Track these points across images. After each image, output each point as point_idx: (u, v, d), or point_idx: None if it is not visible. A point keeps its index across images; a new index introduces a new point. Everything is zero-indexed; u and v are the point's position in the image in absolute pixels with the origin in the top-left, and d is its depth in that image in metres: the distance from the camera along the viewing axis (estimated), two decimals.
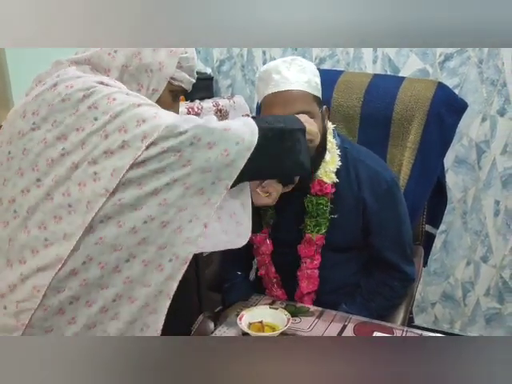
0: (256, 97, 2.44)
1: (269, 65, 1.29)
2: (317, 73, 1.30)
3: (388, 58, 2.20)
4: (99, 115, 0.89)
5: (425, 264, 1.72)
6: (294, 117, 1.09)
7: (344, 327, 1.24)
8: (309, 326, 1.25)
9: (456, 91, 1.94)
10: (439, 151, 1.59)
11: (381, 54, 2.21)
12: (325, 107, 1.33)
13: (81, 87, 0.92)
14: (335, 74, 1.72)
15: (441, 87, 1.58)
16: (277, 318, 1.20)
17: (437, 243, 2.24)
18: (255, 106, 2.27)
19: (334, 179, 1.32)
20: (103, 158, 0.87)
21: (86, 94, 0.91)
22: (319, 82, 1.30)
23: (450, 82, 2.01)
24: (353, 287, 1.41)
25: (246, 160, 0.93)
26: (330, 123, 1.40)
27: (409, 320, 1.51)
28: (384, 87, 1.62)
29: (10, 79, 1.82)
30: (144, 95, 0.99)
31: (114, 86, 0.95)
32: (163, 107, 0.96)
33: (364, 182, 1.34)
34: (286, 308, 1.28)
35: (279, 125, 1.01)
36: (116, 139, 0.87)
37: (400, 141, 1.60)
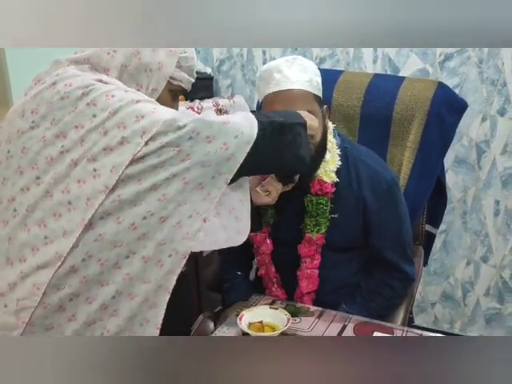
0: (256, 96, 2.44)
1: (270, 64, 1.29)
2: (318, 72, 1.30)
3: (388, 58, 2.19)
4: (98, 112, 0.89)
5: (425, 264, 1.72)
6: (295, 112, 1.08)
7: (344, 327, 1.24)
8: (309, 326, 1.24)
9: (456, 91, 1.93)
10: (439, 151, 1.59)
11: (381, 54, 2.21)
12: (325, 106, 1.33)
13: (79, 85, 0.91)
14: (335, 74, 1.71)
15: (441, 87, 1.58)
16: (277, 318, 1.20)
17: (437, 243, 2.24)
18: (255, 106, 2.27)
19: (334, 179, 1.32)
20: (102, 155, 0.87)
21: (85, 92, 0.91)
22: (320, 82, 1.30)
23: (450, 82, 2.01)
24: (353, 287, 1.41)
25: (246, 154, 0.92)
26: (331, 123, 1.40)
27: (409, 320, 1.51)
28: (384, 87, 1.62)
29: (10, 79, 1.82)
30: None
31: (113, 84, 0.95)
32: None
33: (364, 182, 1.34)
34: (286, 308, 1.28)
35: (279, 119, 1.01)
36: (115, 135, 0.87)
37: (400, 140, 1.59)
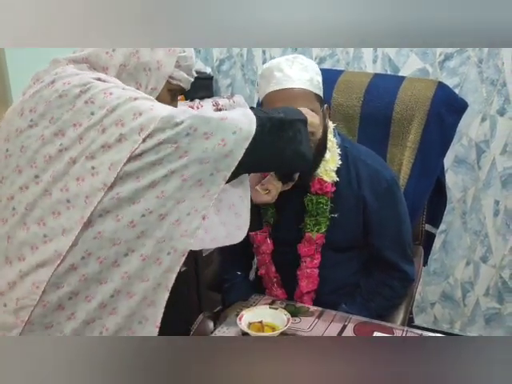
0: (256, 96, 2.44)
1: (271, 62, 1.29)
2: (319, 71, 1.30)
3: (388, 58, 2.20)
4: (96, 110, 0.89)
5: (425, 264, 1.72)
6: (295, 108, 1.08)
7: (344, 327, 1.24)
8: (309, 326, 1.24)
9: (456, 91, 1.93)
10: (439, 151, 1.59)
11: (381, 54, 2.21)
12: (326, 106, 1.33)
13: (77, 83, 0.91)
14: (335, 74, 1.72)
15: (441, 87, 1.58)
16: (277, 318, 1.20)
17: (436, 243, 2.24)
18: (255, 106, 2.27)
19: (335, 178, 1.32)
20: (101, 153, 0.87)
21: (83, 90, 0.90)
22: (321, 81, 1.30)
23: (450, 82, 2.01)
24: (353, 287, 1.41)
25: (244, 150, 0.91)
26: (331, 122, 1.40)
27: (409, 320, 1.51)
28: (384, 87, 1.62)
29: (10, 79, 1.82)
30: None
31: (111, 82, 0.94)
32: None
33: (364, 181, 1.34)
34: (286, 308, 1.28)
35: (279, 115, 1.00)
36: (113, 133, 0.87)
37: (400, 140, 1.60)
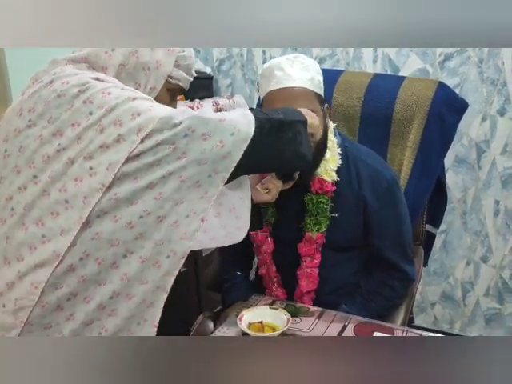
0: (256, 96, 2.44)
1: (272, 62, 1.29)
2: (319, 71, 1.30)
3: (388, 58, 2.20)
4: (94, 109, 0.88)
5: (425, 264, 1.72)
6: (295, 109, 1.07)
7: (344, 327, 1.23)
8: (309, 327, 1.24)
9: (456, 91, 1.93)
10: (440, 151, 1.59)
11: (381, 54, 2.21)
12: (326, 105, 1.32)
13: (76, 83, 0.91)
14: (335, 74, 1.71)
15: (441, 87, 1.58)
16: (277, 318, 1.20)
17: (436, 243, 2.24)
18: (255, 105, 2.27)
19: (335, 177, 1.32)
20: (99, 153, 0.86)
21: (81, 90, 0.90)
22: (322, 80, 1.30)
23: (450, 82, 2.01)
24: (353, 287, 1.41)
25: (243, 151, 0.91)
26: (331, 122, 1.40)
27: (409, 320, 1.50)
28: (384, 87, 1.62)
29: (10, 79, 1.82)
30: None
31: (110, 82, 0.94)
32: None
33: (364, 181, 1.34)
34: (286, 308, 1.28)
35: (278, 116, 1.00)
36: (111, 133, 0.87)
37: (400, 140, 1.59)
